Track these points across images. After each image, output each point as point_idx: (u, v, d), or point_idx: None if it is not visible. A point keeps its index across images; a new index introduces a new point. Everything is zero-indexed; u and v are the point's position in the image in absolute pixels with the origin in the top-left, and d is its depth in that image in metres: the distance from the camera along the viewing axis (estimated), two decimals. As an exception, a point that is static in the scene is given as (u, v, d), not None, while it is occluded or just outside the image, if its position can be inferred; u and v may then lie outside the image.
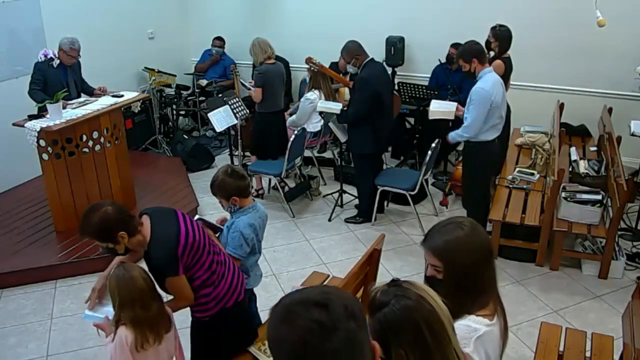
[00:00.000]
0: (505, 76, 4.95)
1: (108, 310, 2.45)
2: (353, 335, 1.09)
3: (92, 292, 2.66)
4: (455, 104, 4.52)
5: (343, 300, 1.13)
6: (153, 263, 2.45)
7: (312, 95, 5.63)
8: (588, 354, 3.00)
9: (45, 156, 4.57)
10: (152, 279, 2.38)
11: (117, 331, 2.29)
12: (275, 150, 5.45)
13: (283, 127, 5.62)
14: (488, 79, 4.11)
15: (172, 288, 2.49)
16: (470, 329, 1.67)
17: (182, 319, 2.84)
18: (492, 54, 5.08)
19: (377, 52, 5.62)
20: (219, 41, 7.40)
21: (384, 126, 4.90)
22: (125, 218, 2.40)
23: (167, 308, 2.45)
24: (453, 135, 4.38)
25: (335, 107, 4.96)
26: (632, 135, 4.76)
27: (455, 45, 5.79)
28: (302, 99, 5.83)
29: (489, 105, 4.09)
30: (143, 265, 2.48)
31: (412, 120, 6.36)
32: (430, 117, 4.62)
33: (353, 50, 4.79)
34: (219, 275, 2.62)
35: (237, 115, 5.47)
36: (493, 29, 4.99)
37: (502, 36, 4.93)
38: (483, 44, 5.14)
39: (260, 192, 5.74)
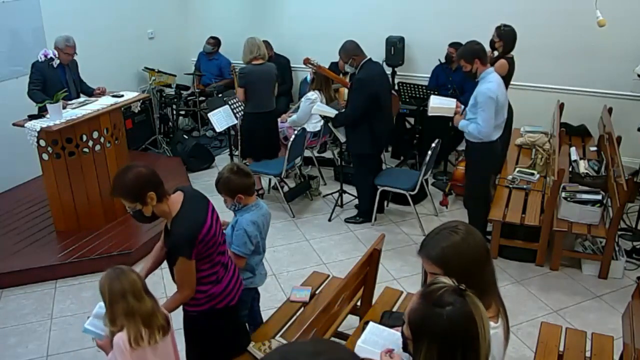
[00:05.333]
0: (508, 76, 4.95)
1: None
2: None
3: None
4: (455, 100, 4.51)
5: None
6: (172, 238, 2.47)
7: (313, 95, 5.63)
8: (588, 354, 3.00)
9: (45, 156, 4.57)
10: (144, 281, 2.37)
11: (113, 340, 2.25)
12: (261, 151, 5.45)
13: (271, 129, 5.54)
14: (492, 80, 4.07)
15: (179, 272, 2.49)
16: None
17: (181, 319, 2.83)
18: (495, 53, 5.07)
19: (377, 52, 5.62)
20: (213, 40, 7.42)
21: (383, 126, 4.90)
22: (156, 181, 2.44)
23: (163, 310, 2.42)
24: (463, 124, 4.27)
25: (330, 111, 4.96)
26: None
27: (453, 45, 5.79)
28: (302, 99, 5.83)
29: (496, 105, 4.06)
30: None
31: (412, 120, 6.36)
32: (430, 114, 4.59)
33: (350, 50, 4.78)
34: (218, 276, 2.64)
35: (237, 115, 5.46)
36: (498, 28, 4.97)
37: (506, 36, 4.92)
38: (484, 44, 5.16)
39: (260, 192, 5.73)
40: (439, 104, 4.54)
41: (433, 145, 4.85)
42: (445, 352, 1.44)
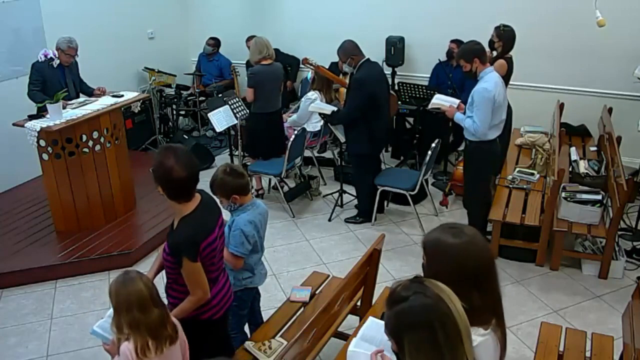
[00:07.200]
0: (507, 76, 4.95)
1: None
2: None
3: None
4: (458, 100, 4.51)
5: None
6: (175, 237, 2.45)
7: (313, 95, 5.63)
8: (588, 354, 3.00)
9: (45, 156, 4.57)
10: (155, 287, 2.33)
11: (120, 349, 2.21)
12: (265, 151, 5.45)
13: (276, 128, 5.54)
14: (490, 79, 4.08)
15: (186, 274, 2.47)
16: None
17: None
18: (494, 53, 5.07)
19: (377, 52, 5.62)
20: (213, 41, 7.43)
21: (381, 127, 4.90)
22: (176, 186, 2.41)
23: (173, 319, 2.38)
24: (459, 117, 4.30)
25: (327, 109, 4.96)
26: None
27: (455, 41, 5.79)
28: (302, 99, 5.83)
29: (493, 105, 4.07)
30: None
31: (412, 120, 6.36)
32: (429, 107, 4.64)
33: (349, 49, 4.78)
34: None
35: (237, 115, 5.47)
36: (497, 28, 4.97)
37: (506, 36, 4.92)
38: (484, 44, 5.16)
39: (260, 192, 5.74)
40: (440, 102, 4.55)
41: (433, 145, 4.85)
42: (426, 336, 1.42)
